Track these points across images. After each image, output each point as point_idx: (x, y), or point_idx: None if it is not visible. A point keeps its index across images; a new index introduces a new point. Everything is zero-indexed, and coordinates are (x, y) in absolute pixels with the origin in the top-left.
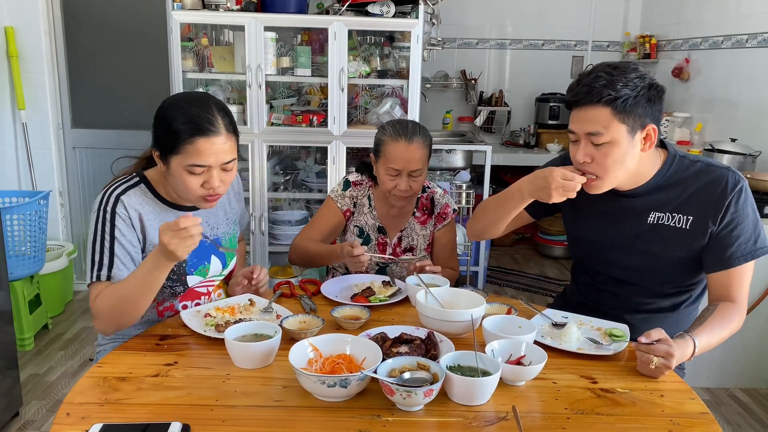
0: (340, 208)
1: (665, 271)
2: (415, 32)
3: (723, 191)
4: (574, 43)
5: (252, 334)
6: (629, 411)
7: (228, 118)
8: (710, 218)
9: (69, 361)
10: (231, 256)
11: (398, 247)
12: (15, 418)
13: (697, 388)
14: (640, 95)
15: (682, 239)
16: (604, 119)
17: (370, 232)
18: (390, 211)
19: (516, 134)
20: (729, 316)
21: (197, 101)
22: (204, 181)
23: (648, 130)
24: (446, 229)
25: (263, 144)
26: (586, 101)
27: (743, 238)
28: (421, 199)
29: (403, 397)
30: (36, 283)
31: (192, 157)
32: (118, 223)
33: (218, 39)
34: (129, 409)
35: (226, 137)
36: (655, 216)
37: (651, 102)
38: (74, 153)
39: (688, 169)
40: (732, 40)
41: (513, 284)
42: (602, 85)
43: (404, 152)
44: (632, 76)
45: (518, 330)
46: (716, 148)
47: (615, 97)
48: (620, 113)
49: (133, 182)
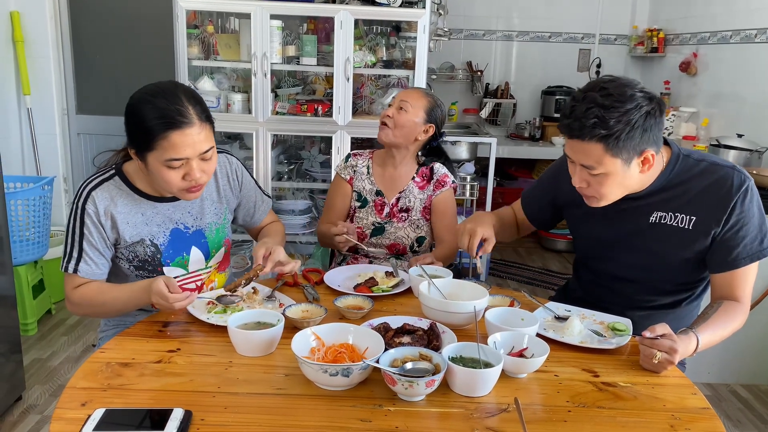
0: (344, 177)
1: (666, 270)
2: (422, 22)
3: (728, 192)
4: (581, 36)
5: (255, 322)
6: (631, 405)
7: (200, 106)
8: (714, 220)
9: (72, 346)
10: (216, 246)
11: (395, 206)
12: (18, 402)
13: (698, 383)
14: (635, 128)
15: (684, 239)
16: (597, 155)
17: (368, 196)
18: (392, 174)
19: (521, 127)
20: (733, 314)
21: (164, 93)
22: (185, 174)
23: (646, 155)
24: (445, 195)
25: (268, 133)
26: (577, 136)
27: (749, 238)
28: (422, 169)
29: (404, 387)
30: (40, 268)
31: (168, 152)
32: (87, 221)
33: (224, 26)
34: (131, 395)
35: (200, 127)
36: (658, 215)
37: (647, 131)
38: (79, 139)
39: (693, 169)
40: (741, 34)
41: (516, 277)
42: (593, 123)
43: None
44: (628, 106)
45: (521, 322)
46: (722, 144)
47: (607, 134)
48: (613, 149)
49: (107, 175)
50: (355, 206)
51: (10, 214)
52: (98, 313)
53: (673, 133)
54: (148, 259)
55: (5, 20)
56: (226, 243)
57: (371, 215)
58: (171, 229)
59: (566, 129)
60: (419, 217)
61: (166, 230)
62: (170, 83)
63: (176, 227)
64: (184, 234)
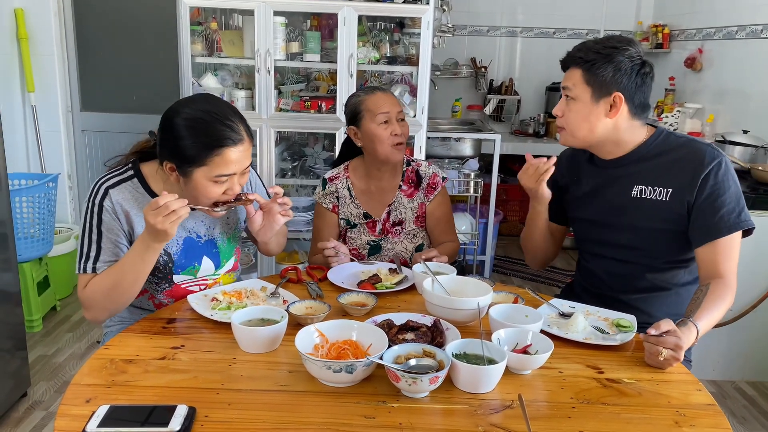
0: (327, 207)
1: (654, 245)
2: (426, 18)
3: (700, 163)
4: (585, 31)
5: (258, 319)
6: (635, 401)
7: (245, 123)
8: (687, 189)
9: (77, 342)
10: (227, 257)
11: (387, 222)
12: (23, 398)
13: (703, 380)
14: (610, 62)
15: (663, 211)
16: (575, 79)
17: (356, 221)
18: (376, 187)
19: (525, 123)
20: (722, 294)
21: (217, 111)
22: (226, 189)
23: (614, 97)
24: (439, 200)
25: (271, 130)
26: (566, 65)
27: (725, 210)
28: (407, 172)
29: (408, 384)
30: (44, 265)
31: (219, 168)
32: (105, 217)
33: (227, 23)
34: (136, 391)
35: (248, 143)
36: (639, 189)
37: (622, 72)
38: (83, 136)
39: (672, 143)
40: (746, 30)
41: (519, 274)
42: (579, 48)
43: (385, 98)
44: (612, 44)
45: (525, 319)
46: (728, 140)
47: (584, 59)
48: (587, 75)
49: (126, 176)
50: (345, 228)
51: (14, 211)
52: (114, 299)
53: (678, 129)
54: (160, 267)
55: (9, 17)
56: (236, 252)
57: (364, 234)
58: (184, 238)
59: (563, 60)
60: (413, 227)
61: (179, 238)
62: (219, 101)
63: (189, 236)
64: (197, 243)
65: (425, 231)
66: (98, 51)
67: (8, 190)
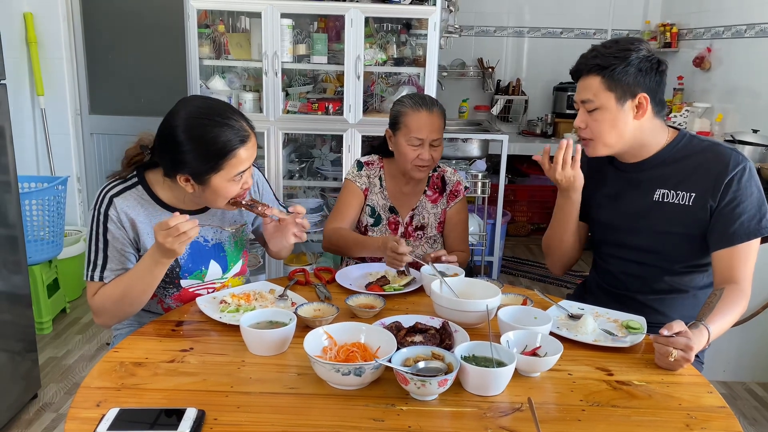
0: (359, 187)
1: (674, 250)
2: (433, 19)
3: (724, 168)
4: (593, 31)
5: (267, 322)
6: (645, 404)
7: (243, 117)
8: (710, 194)
9: (86, 344)
10: (234, 260)
11: (410, 225)
12: (33, 400)
13: (713, 381)
14: (630, 65)
15: (685, 216)
16: (594, 87)
17: (381, 212)
18: (403, 189)
19: (533, 123)
20: (736, 300)
21: (216, 114)
22: (242, 183)
23: (639, 98)
24: (458, 207)
25: (279, 132)
26: (581, 73)
27: (746, 216)
28: (432, 178)
29: (417, 387)
30: (54, 267)
31: (235, 167)
32: (110, 226)
33: (235, 26)
34: (145, 394)
35: (253, 136)
36: (660, 193)
37: (642, 72)
38: (92, 139)
39: (695, 147)
40: (755, 29)
41: (528, 275)
42: (593, 56)
43: (427, 121)
44: (625, 46)
45: (534, 321)
46: (737, 139)
47: (603, 66)
48: (608, 81)
49: (130, 183)
50: (367, 222)
51: (24, 213)
52: (123, 308)
53: (687, 128)
54: (167, 271)
55: (19, 21)
56: (244, 255)
57: (386, 235)
58: (191, 242)
59: (574, 70)
60: (435, 233)
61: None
62: (218, 102)
63: (196, 240)
64: (204, 247)
65: (442, 236)
66: (107, 54)
67: (18, 193)
